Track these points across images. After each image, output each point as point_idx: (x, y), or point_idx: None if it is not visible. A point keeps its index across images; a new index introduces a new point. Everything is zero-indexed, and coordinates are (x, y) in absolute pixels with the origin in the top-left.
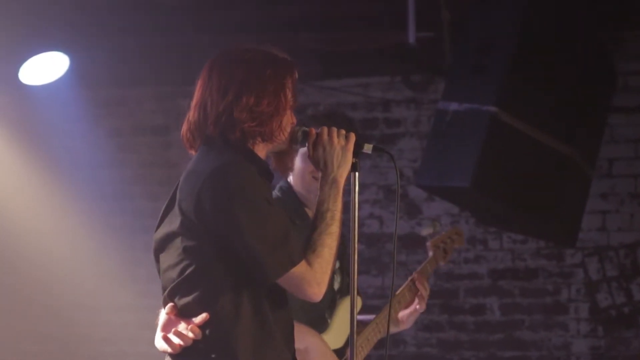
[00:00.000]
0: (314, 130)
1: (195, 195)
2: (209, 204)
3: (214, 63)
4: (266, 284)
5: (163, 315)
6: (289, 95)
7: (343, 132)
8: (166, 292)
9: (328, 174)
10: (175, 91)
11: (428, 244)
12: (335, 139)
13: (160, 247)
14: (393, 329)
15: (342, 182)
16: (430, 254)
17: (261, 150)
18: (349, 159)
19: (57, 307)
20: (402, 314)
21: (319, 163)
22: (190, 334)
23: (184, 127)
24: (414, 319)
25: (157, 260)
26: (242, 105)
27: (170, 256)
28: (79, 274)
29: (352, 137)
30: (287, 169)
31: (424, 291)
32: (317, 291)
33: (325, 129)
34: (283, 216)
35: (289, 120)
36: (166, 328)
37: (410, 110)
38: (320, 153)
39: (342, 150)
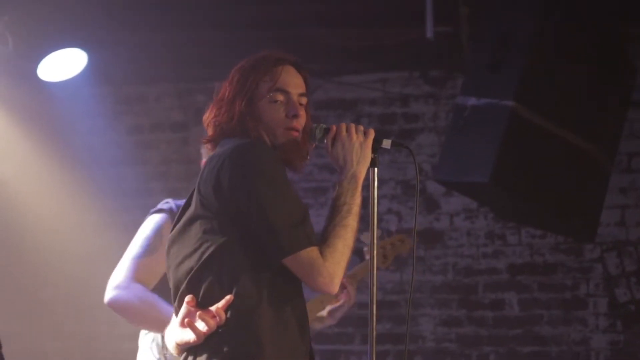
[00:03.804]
0: (334, 127)
1: (215, 174)
2: (228, 180)
3: None
4: (280, 259)
5: (182, 310)
6: (252, 88)
7: (362, 128)
8: (184, 284)
9: (347, 170)
10: (194, 87)
11: (365, 249)
12: (354, 135)
13: (174, 240)
14: (318, 325)
15: (361, 177)
16: (367, 258)
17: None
18: (368, 154)
19: (77, 304)
20: (328, 310)
21: (338, 159)
22: (214, 321)
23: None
24: (340, 315)
25: (168, 257)
26: (219, 105)
27: (185, 246)
28: (99, 271)
29: (371, 133)
30: (295, 166)
31: (352, 292)
32: (328, 282)
33: (344, 125)
34: (301, 200)
35: (269, 116)
36: (188, 319)
37: (428, 105)
38: (339, 149)
39: (360, 146)
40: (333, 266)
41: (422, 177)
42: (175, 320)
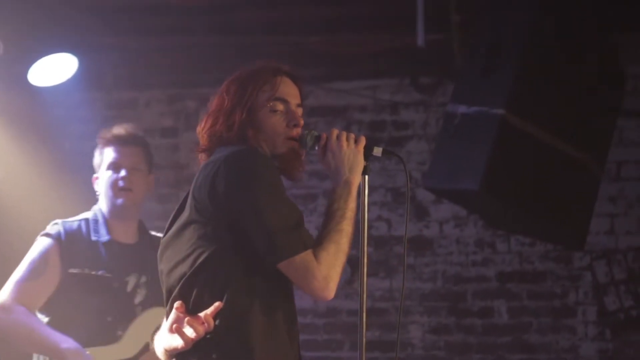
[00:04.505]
0: (325, 135)
1: (210, 180)
2: (224, 186)
3: None
4: (275, 263)
5: (171, 316)
6: (252, 98)
7: (353, 135)
8: (176, 289)
9: (340, 177)
10: (184, 93)
11: None
12: (345, 143)
13: (167, 244)
14: None
15: (355, 184)
16: None
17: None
18: (361, 161)
19: None
20: None
21: (330, 167)
22: (202, 327)
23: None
24: None
25: (161, 261)
26: (215, 115)
27: (178, 252)
28: None
29: (362, 141)
30: (293, 175)
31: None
32: (323, 286)
33: (335, 133)
34: (295, 205)
35: (269, 125)
36: (176, 324)
37: (418, 112)
38: (330, 157)
39: (352, 153)
40: (328, 270)
41: (411, 185)
42: (164, 326)
